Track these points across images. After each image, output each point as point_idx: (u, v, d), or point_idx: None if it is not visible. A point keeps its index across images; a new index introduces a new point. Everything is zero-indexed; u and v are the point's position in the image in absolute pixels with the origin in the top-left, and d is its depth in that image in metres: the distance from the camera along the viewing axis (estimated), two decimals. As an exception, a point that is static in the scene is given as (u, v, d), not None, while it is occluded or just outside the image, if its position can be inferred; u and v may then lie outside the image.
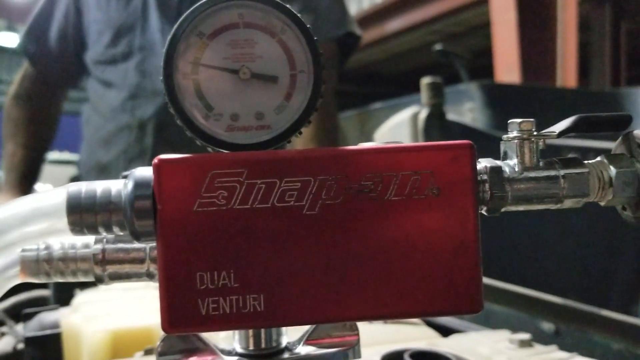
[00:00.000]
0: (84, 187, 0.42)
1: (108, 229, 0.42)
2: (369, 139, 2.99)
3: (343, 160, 0.41)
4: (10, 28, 11.42)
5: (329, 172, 0.40)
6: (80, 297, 1.05)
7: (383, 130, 2.54)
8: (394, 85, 7.98)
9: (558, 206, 0.44)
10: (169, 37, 0.43)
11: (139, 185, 0.40)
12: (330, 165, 0.40)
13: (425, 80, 2.24)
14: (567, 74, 4.45)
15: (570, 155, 0.43)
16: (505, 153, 0.44)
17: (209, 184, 0.40)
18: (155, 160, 0.40)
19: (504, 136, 0.44)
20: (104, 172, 1.77)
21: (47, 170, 2.02)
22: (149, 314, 0.89)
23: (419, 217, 0.40)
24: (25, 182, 1.86)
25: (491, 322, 0.97)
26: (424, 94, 2.25)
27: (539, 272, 1.90)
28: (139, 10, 1.74)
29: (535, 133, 0.43)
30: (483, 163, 0.43)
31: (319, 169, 0.40)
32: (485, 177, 0.43)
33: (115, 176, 1.54)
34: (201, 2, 0.44)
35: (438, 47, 3.30)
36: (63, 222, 0.41)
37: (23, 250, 0.46)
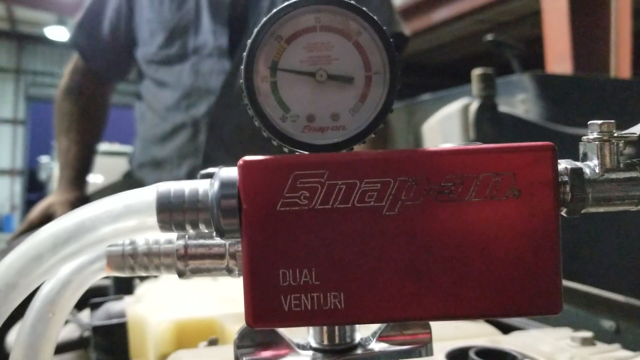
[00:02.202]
0: (172, 186, 0.44)
1: (195, 226, 0.43)
2: (416, 131, 2.97)
3: (423, 161, 0.41)
4: (61, 22, 11.71)
5: (409, 173, 0.41)
6: (143, 287, 1.08)
7: (432, 122, 2.52)
8: (441, 75, 7.89)
9: (638, 208, 0.44)
10: (250, 41, 0.45)
11: (225, 185, 0.42)
12: (410, 167, 0.41)
13: (476, 72, 2.20)
14: (621, 64, 4.31)
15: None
16: (585, 154, 0.44)
17: (292, 185, 0.41)
18: (241, 162, 0.42)
19: (584, 137, 0.44)
20: (158, 167, 1.81)
21: (97, 161, 2.08)
22: (210, 304, 0.92)
23: (499, 219, 0.41)
24: (79, 178, 1.91)
25: (550, 320, 0.96)
26: (475, 86, 2.21)
27: (597, 269, 1.86)
28: (192, 12, 1.76)
29: (615, 134, 0.43)
30: (563, 164, 0.43)
31: (399, 170, 0.41)
32: (566, 178, 0.43)
33: (168, 172, 1.57)
34: (280, 7, 0.45)
35: (489, 37, 3.24)
36: (152, 219, 0.43)
37: (109, 245, 0.49)
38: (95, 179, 2.10)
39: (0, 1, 10.31)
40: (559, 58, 4.36)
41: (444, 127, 2.38)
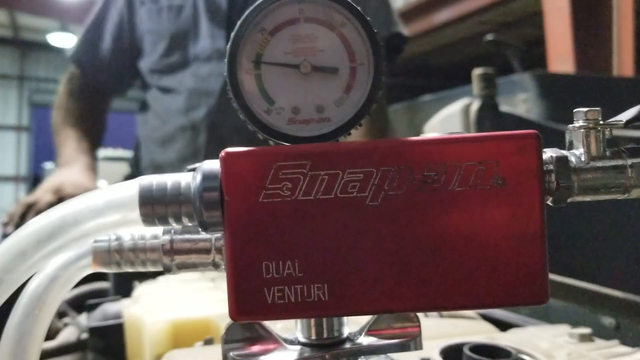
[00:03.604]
0: (155, 180, 0.43)
1: (178, 219, 0.43)
2: (418, 131, 2.97)
3: (406, 151, 0.41)
4: (64, 28, 11.74)
5: (392, 163, 0.41)
6: (140, 289, 1.08)
7: (434, 122, 2.51)
8: (443, 77, 7.86)
9: (625, 196, 0.43)
10: (233, 34, 0.44)
11: (207, 177, 0.41)
12: (393, 156, 0.41)
13: (477, 71, 2.19)
14: (623, 63, 4.29)
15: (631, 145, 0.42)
16: (571, 143, 0.44)
17: (274, 176, 0.41)
18: (222, 153, 0.41)
19: (570, 125, 0.43)
20: (158, 170, 1.81)
21: (101, 167, 2.07)
22: (206, 305, 0.91)
23: (483, 208, 0.40)
24: (82, 145, 1.88)
25: (550, 317, 0.95)
26: (476, 85, 2.21)
27: (596, 264, 1.85)
28: (190, 19, 1.77)
29: (601, 122, 0.42)
30: (549, 153, 0.43)
31: (382, 160, 0.41)
32: (551, 167, 0.42)
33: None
34: (262, -1, 0.45)
35: (490, 37, 3.24)
36: (135, 213, 0.43)
37: (95, 241, 0.48)
38: (99, 184, 2.09)
39: (4, 8, 10.35)
40: (561, 58, 4.35)
41: (445, 127, 2.37)
